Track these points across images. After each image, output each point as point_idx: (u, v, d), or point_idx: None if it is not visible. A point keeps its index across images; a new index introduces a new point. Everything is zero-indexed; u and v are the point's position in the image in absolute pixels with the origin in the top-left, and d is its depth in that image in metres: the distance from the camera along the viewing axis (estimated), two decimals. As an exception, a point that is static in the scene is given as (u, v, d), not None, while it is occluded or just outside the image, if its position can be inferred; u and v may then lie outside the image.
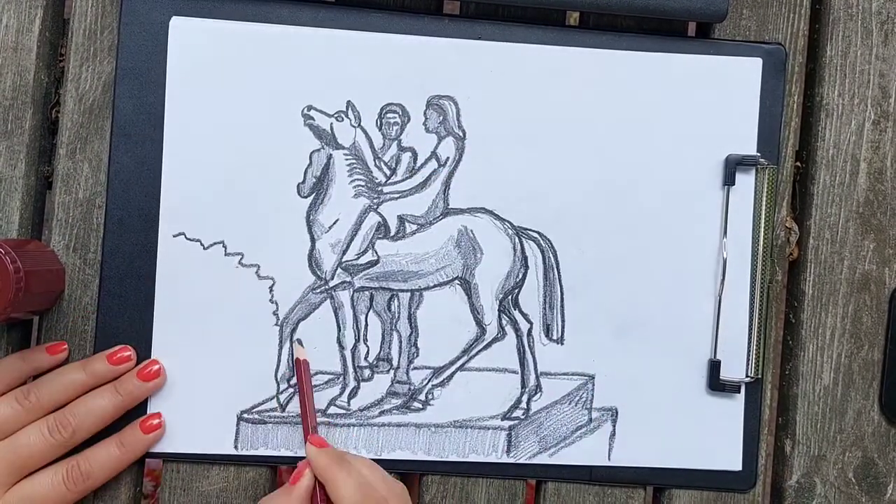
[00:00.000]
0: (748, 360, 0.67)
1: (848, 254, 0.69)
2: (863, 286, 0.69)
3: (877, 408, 0.69)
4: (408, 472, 0.67)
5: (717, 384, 0.66)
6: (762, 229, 0.67)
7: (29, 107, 0.65)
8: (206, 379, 0.64)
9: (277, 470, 0.68)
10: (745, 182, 0.67)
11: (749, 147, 0.67)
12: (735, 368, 0.67)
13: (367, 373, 0.66)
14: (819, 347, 0.69)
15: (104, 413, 0.62)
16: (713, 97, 0.67)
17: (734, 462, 0.67)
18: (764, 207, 0.67)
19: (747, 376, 0.67)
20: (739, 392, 0.67)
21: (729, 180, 0.67)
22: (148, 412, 0.64)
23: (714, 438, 0.67)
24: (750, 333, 0.67)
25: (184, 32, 0.64)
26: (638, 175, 0.67)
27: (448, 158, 0.66)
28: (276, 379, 0.65)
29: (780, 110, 0.68)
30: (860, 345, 0.69)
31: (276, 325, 0.65)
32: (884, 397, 0.68)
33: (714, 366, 0.67)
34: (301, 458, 0.63)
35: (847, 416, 0.68)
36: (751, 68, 0.67)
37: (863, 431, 0.69)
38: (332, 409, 0.65)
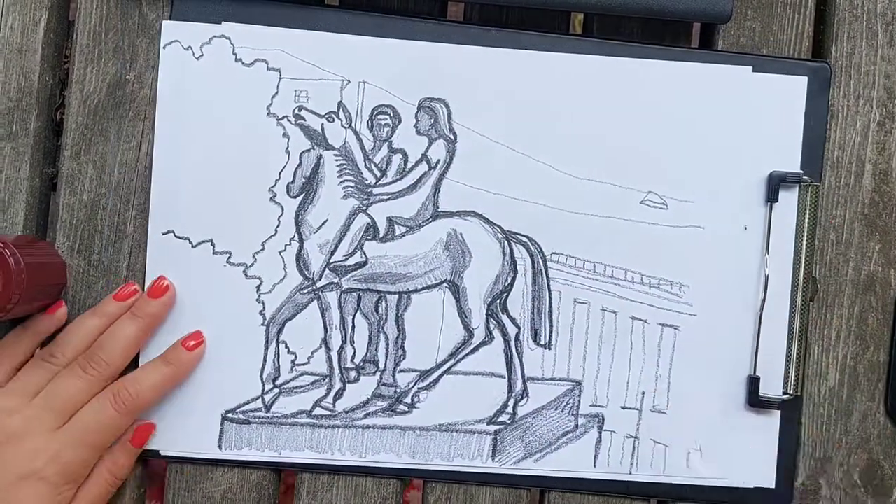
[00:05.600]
0: (787, 376, 0.65)
1: (853, 255, 0.67)
2: (868, 287, 0.67)
3: (882, 410, 0.67)
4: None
5: (755, 401, 0.65)
6: (804, 246, 0.65)
7: (33, 108, 0.66)
8: (192, 378, 0.64)
9: (282, 473, 0.67)
10: (788, 199, 0.65)
11: (793, 164, 0.66)
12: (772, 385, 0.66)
13: (353, 374, 0.65)
14: (824, 349, 0.67)
15: (131, 338, 0.63)
16: (758, 114, 0.66)
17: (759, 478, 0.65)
18: (806, 225, 0.65)
19: (785, 393, 0.65)
20: (778, 408, 0.65)
21: (772, 197, 0.65)
22: None
23: (718, 444, 0.65)
24: (789, 349, 0.65)
25: (175, 34, 0.65)
26: (647, 184, 0.66)
27: (438, 161, 0.65)
28: (262, 379, 0.65)
29: (825, 128, 0.66)
30: (865, 346, 0.67)
31: (263, 325, 0.65)
32: (889, 399, 0.66)
33: (753, 382, 0.65)
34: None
35: (853, 418, 0.67)
36: (796, 86, 0.66)
37: (868, 433, 0.67)
38: (318, 411, 0.65)
